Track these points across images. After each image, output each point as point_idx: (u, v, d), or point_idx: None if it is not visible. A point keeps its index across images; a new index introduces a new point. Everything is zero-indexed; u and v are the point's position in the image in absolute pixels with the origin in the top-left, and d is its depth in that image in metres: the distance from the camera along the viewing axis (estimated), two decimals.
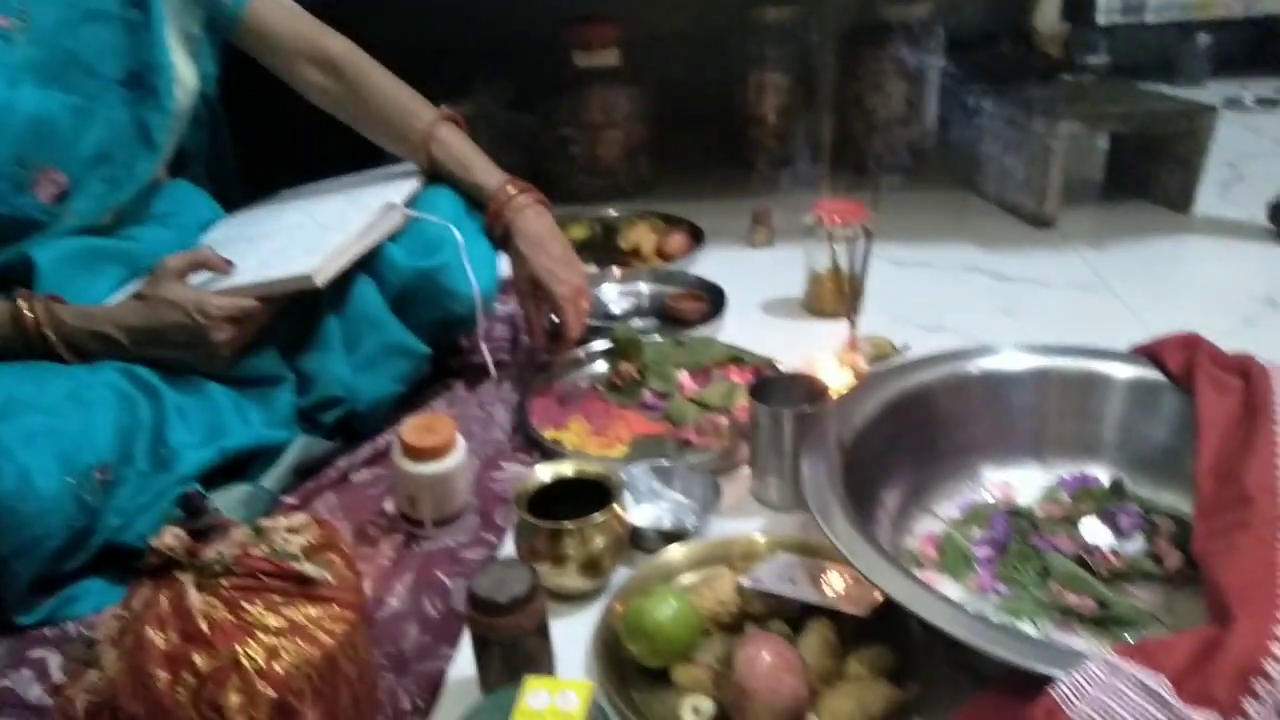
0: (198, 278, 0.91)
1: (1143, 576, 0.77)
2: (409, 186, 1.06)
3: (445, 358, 1.15)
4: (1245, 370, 0.81)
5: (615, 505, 0.80)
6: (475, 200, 1.08)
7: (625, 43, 1.79)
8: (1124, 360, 0.86)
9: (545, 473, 0.84)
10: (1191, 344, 0.87)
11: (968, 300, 1.34)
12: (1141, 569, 0.77)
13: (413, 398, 1.08)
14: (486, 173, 1.08)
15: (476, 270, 1.02)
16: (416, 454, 0.86)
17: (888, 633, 0.70)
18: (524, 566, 0.69)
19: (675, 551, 0.82)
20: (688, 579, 0.80)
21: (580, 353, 1.17)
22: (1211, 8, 2.40)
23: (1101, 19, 2.38)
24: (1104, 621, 0.73)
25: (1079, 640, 0.72)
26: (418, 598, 0.82)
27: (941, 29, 1.86)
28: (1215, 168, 1.74)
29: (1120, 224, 1.56)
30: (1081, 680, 0.54)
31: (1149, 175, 1.64)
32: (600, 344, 1.17)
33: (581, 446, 1.01)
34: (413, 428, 0.87)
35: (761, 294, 1.37)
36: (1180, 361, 0.85)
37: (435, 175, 1.10)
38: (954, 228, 1.58)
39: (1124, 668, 0.54)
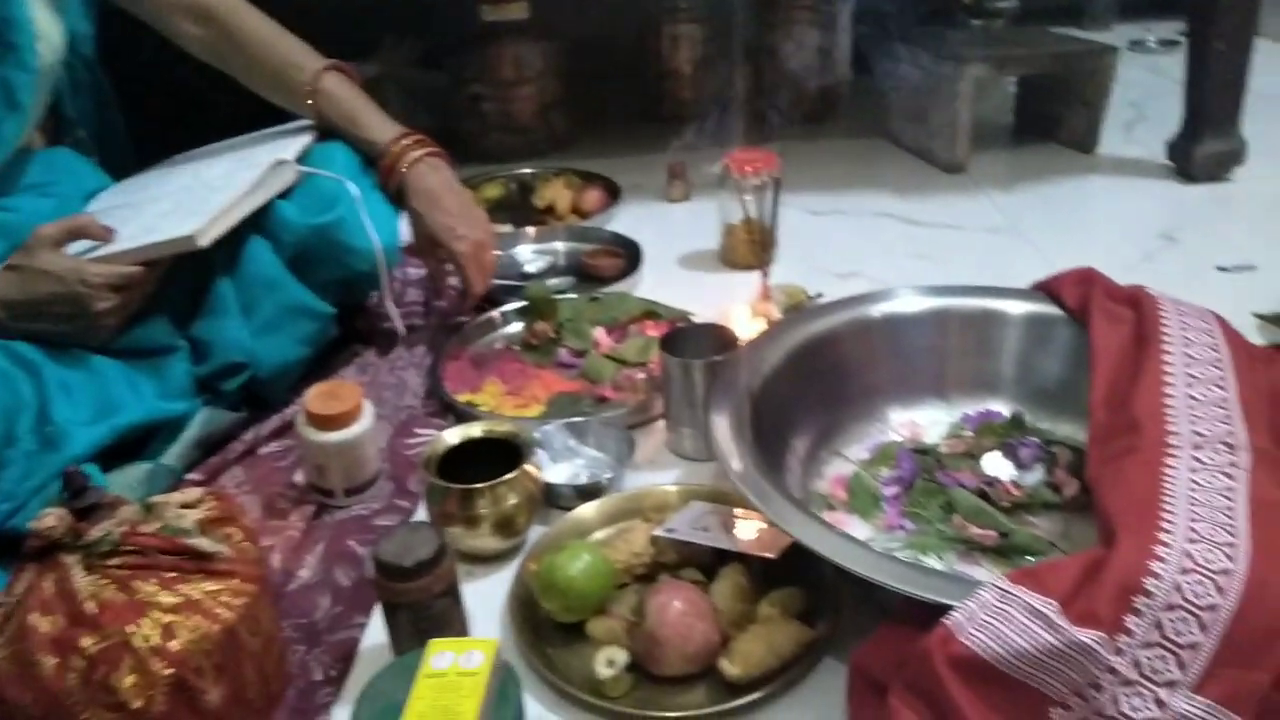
0: (76, 246, 0.87)
1: (1043, 506, 0.79)
2: (301, 142, 1.02)
3: (355, 323, 1.12)
4: (1136, 301, 0.83)
5: (526, 464, 0.80)
6: (368, 156, 1.04)
7: None
8: (1020, 297, 0.88)
9: (454, 435, 0.82)
10: (1087, 278, 0.89)
11: (881, 246, 1.35)
12: (1041, 498, 0.79)
13: (322, 365, 1.06)
14: (377, 127, 1.05)
15: (377, 225, 0.99)
16: (322, 422, 0.84)
17: (800, 574, 0.71)
18: (430, 529, 0.68)
19: (589, 507, 0.81)
20: (603, 533, 0.80)
21: (495, 313, 1.15)
22: None
23: None
24: (1005, 551, 0.75)
25: (982, 571, 0.74)
26: (329, 568, 0.80)
27: None
28: (1119, 108, 1.78)
29: (1028, 166, 1.59)
30: (974, 607, 0.56)
31: (1056, 117, 1.66)
32: (514, 304, 1.16)
33: (497, 408, 1.00)
34: (317, 395, 0.85)
35: (678, 248, 1.36)
36: (1076, 296, 0.87)
37: (327, 131, 1.06)
38: (868, 174, 1.60)
39: (1014, 593, 0.56)
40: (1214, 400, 0.70)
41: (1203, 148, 1.46)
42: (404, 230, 1.07)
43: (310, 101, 1.04)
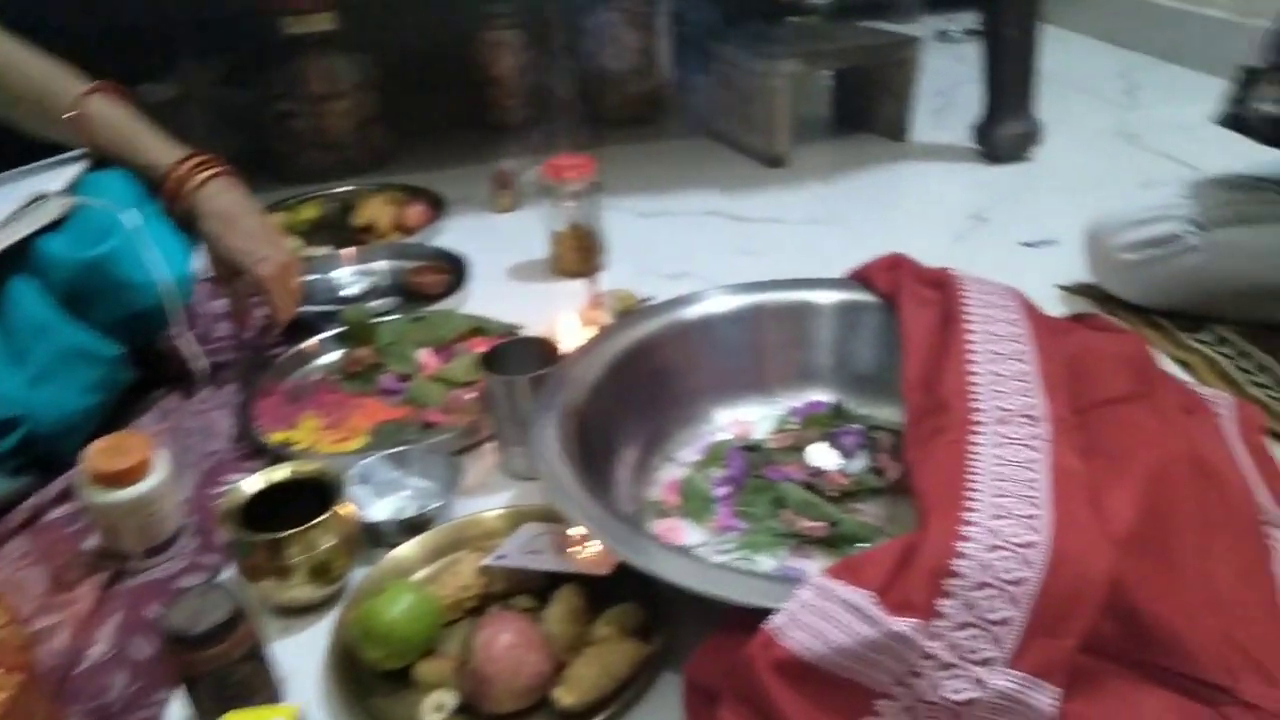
0: None
1: (870, 492, 0.80)
2: (72, 171, 0.93)
3: (157, 365, 1.03)
4: (941, 283, 0.85)
5: (340, 504, 0.74)
6: (150, 181, 0.96)
7: (343, 6, 1.67)
8: (831, 287, 0.89)
9: (255, 481, 0.76)
10: (896, 264, 0.91)
11: (709, 244, 1.36)
12: (867, 484, 0.80)
13: (120, 414, 0.96)
14: (156, 150, 0.96)
15: (164, 256, 0.91)
16: (107, 480, 0.76)
17: (636, 589, 0.69)
18: (223, 590, 0.62)
19: (414, 543, 0.77)
20: (429, 569, 0.76)
21: (311, 342, 1.09)
22: None
23: None
24: (835, 541, 0.75)
25: (814, 564, 0.74)
26: (126, 640, 0.72)
27: None
28: (929, 97, 1.85)
29: (846, 157, 1.63)
30: (794, 608, 0.55)
31: (869, 108, 1.72)
32: (332, 330, 1.10)
33: (315, 445, 0.94)
34: (99, 451, 0.77)
35: (508, 259, 1.33)
36: (886, 282, 0.89)
37: (102, 159, 0.97)
38: (695, 173, 1.60)
39: (832, 588, 0.55)
40: (1016, 375, 0.72)
41: (1003, 130, 1.54)
42: (202, 259, 0.99)
43: (76, 128, 0.95)
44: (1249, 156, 1.05)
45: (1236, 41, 1.59)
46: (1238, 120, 0.98)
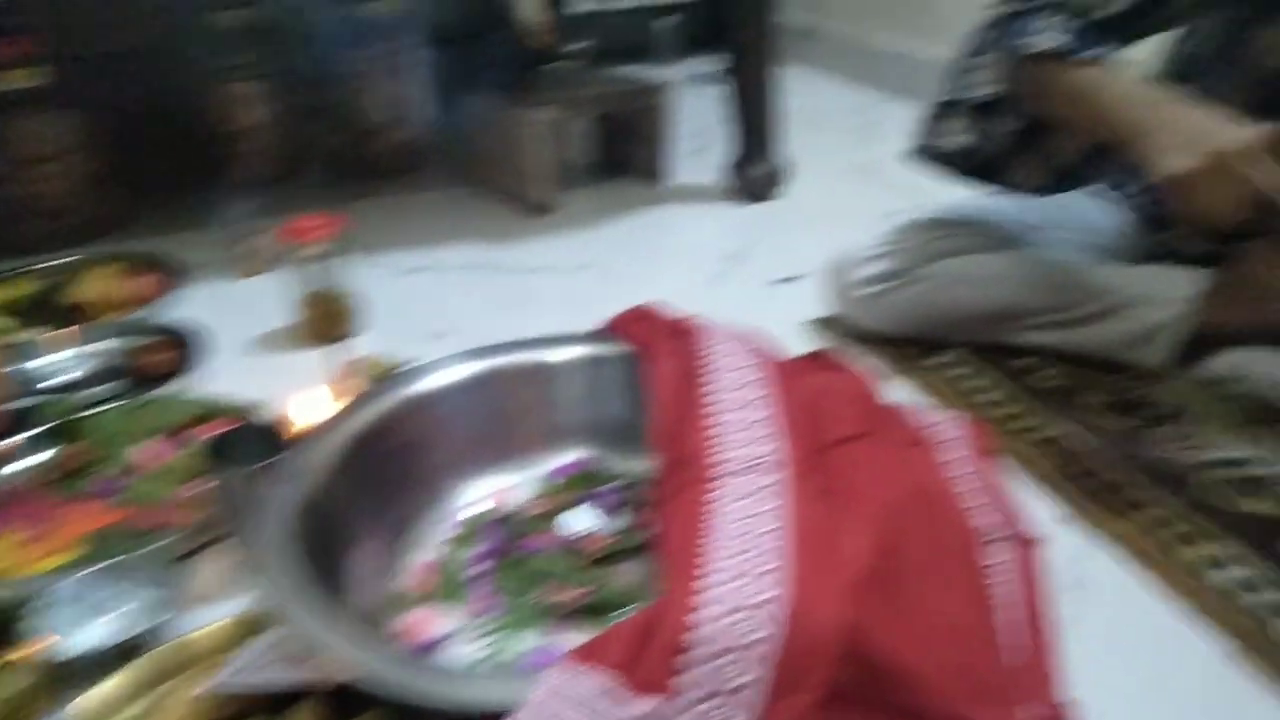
0: None
1: (634, 551, 0.78)
2: None
3: None
4: (686, 332, 0.85)
5: (27, 640, 0.64)
6: None
7: (56, 60, 1.52)
8: (576, 343, 0.88)
9: None
10: (645, 315, 0.91)
11: (474, 299, 1.32)
12: (630, 543, 0.78)
13: None
14: None
15: None
16: None
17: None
18: None
19: (122, 674, 0.67)
20: (140, 705, 0.66)
21: (9, 443, 0.95)
22: None
23: (578, 7, 2.52)
24: (599, 609, 0.73)
25: (578, 636, 0.71)
26: None
27: (426, 24, 1.82)
28: (688, 138, 1.91)
29: (609, 202, 1.65)
30: (536, 703, 0.52)
31: (629, 153, 1.75)
32: (37, 428, 0.97)
33: (15, 565, 0.81)
34: None
35: (251, 330, 1.23)
36: (636, 333, 0.88)
37: None
38: (458, 226, 1.56)
39: (574, 674, 0.53)
40: (756, 421, 0.73)
41: (753, 170, 1.60)
42: None
43: None
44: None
45: None
46: (931, 153, 1.05)
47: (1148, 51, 1.01)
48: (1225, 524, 0.81)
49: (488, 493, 0.82)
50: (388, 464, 0.76)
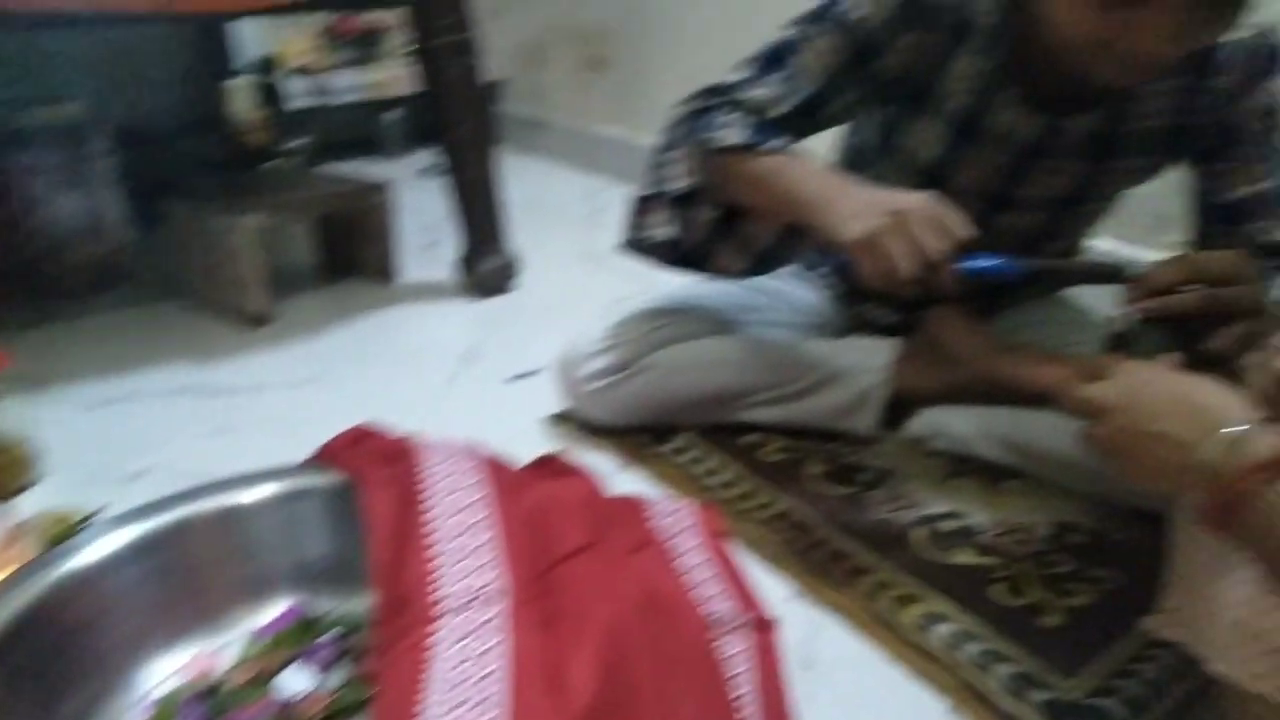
0: None
1: (357, 707, 0.71)
2: None
3: None
4: (403, 455, 0.81)
5: None
6: None
7: None
8: (271, 479, 0.80)
9: None
10: (360, 438, 0.85)
11: (180, 428, 1.19)
12: (355, 698, 0.71)
13: None
14: None
15: None
16: None
17: None
18: None
19: None
20: None
21: None
22: (387, 86, 2.62)
23: (292, 104, 2.44)
24: None
25: None
26: None
27: (120, 125, 1.66)
28: (417, 233, 1.88)
29: (335, 306, 1.57)
30: None
31: (356, 253, 1.68)
32: None
33: None
34: None
35: None
36: (349, 460, 0.82)
37: None
38: (162, 346, 1.42)
39: None
40: (478, 548, 0.70)
41: (483, 264, 1.59)
42: None
43: None
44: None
45: None
46: (640, 245, 1.08)
47: (823, 145, 1.10)
48: (937, 580, 0.86)
49: (182, 664, 0.72)
50: (55, 652, 0.65)
